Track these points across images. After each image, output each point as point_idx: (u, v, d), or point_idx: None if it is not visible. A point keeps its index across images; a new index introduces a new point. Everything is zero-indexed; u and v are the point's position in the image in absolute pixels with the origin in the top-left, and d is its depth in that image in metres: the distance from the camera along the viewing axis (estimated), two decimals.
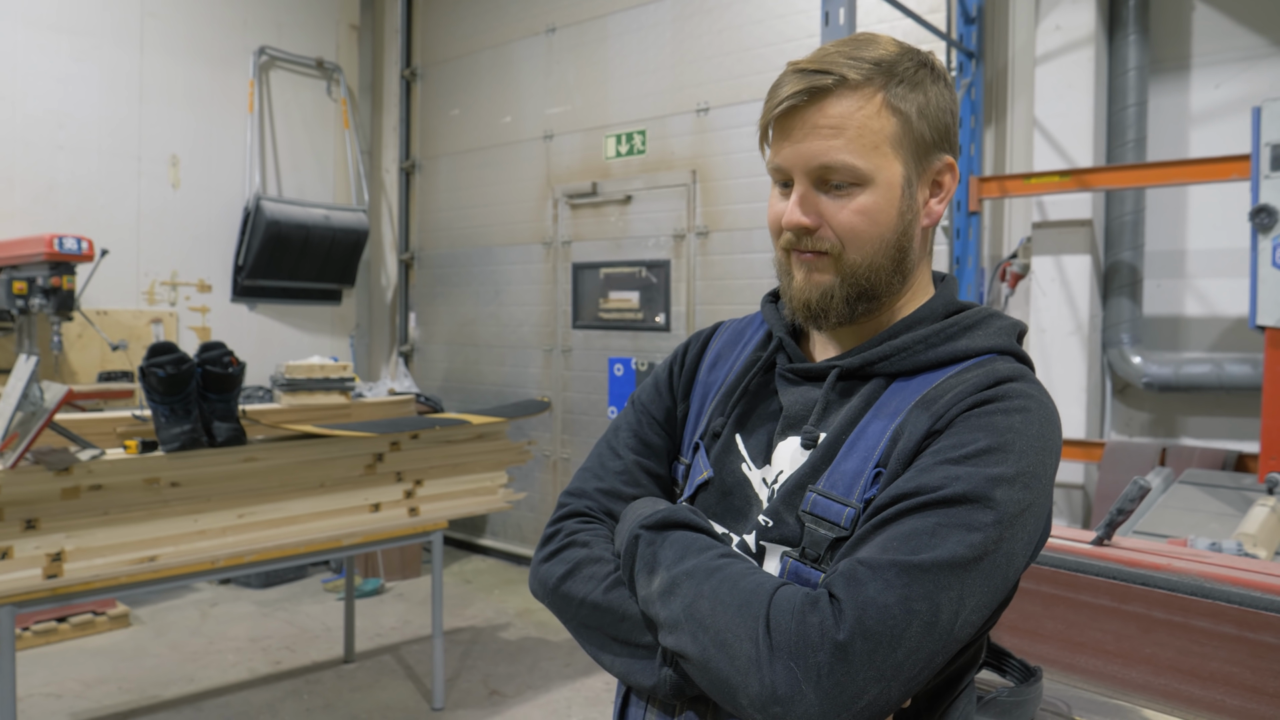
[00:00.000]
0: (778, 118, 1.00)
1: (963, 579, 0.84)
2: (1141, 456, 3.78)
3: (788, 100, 0.98)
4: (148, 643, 4.55)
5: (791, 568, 0.97)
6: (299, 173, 6.61)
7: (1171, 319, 4.16)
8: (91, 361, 5.40)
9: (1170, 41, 4.10)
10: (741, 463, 1.07)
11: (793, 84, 0.98)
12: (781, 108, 0.98)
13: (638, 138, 5.47)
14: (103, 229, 5.43)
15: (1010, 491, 0.87)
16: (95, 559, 2.87)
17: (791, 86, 0.98)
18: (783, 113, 0.99)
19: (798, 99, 0.97)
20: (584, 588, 1.04)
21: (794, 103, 0.98)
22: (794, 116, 0.99)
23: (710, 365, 1.19)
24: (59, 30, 5.34)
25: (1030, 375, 0.98)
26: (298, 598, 5.28)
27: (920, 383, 0.99)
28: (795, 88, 0.97)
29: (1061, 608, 1.46)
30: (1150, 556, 1.41)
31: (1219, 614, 1.29)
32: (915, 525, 0.85)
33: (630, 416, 1.21)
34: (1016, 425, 0.90)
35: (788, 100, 0.98)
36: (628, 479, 1.15)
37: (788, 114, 0.99)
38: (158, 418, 3.04)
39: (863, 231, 0.99)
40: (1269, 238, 2.88)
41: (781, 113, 0.99)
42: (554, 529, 1.13)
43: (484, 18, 6.39)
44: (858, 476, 0.95)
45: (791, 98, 0.97)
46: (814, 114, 0.98)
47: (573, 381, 5.83)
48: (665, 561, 0.96)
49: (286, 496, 3.31)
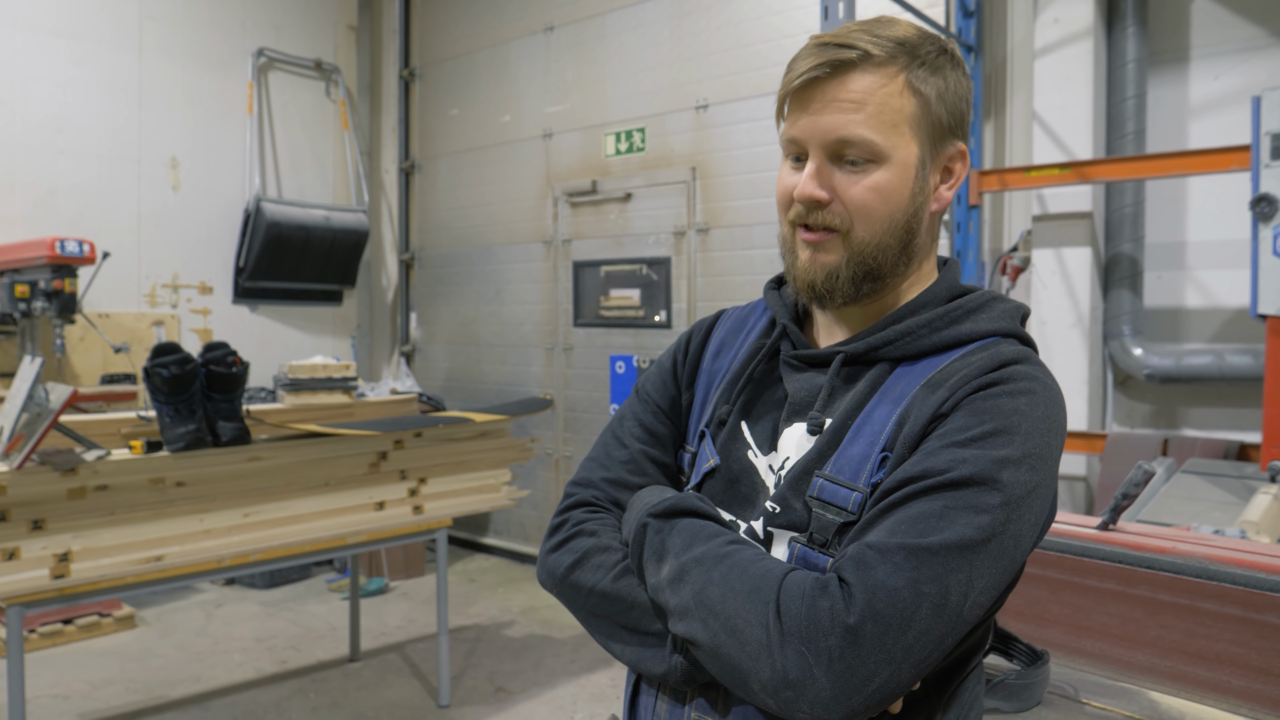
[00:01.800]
0: (796, 90, 0.99)
1: (971, 561, 0.85)
2: (1144, 447, 3.79)
3: (810, 72, 0.97)
4: (154, 643, 4.56)
5: (799, 553, 0.97)
6: (299, 174, 6.62)
7: (1172, 310, 4.16)
8: (94, 364, 5.41)
9: (1169, 33, 4.10)
10: (748, 450, 1.07)
11: (815, 56, 0.97)
12: (802, 79, 0.97)
13: (637, 135, 5.47)
14: (103, 232, 5.44)
15: (1017, 473, 0.87)
16: (102, 559, 2.88)
17: (814, 59, 0.97)
18: (802, 85, 0.98)
19: (820, 70, 0.96)
20: (593, 576, 1.04)
21: (816, 74, 0.97)
22: (814, 89, 0.98)
23: (714, 353, 1.19)
24: (58, 35, 5.35)
25: (1034, 358, 0.99)
26: (302, 598, 5.29)
27: (925, 366, 0.99)
28: (818, 60, 0.96)
29: (1068, 592, 1.47)
30: (1155, 540, 1.42)
31: (1224, 596, 1.30)
32: (923, 508, 0.86)
33: (635, 406, 1.21)
34: (1022, 407, 0.91)
35: (810, 72, 0.97)
36: (634, 468, 1.15)
37: (807, 86, 0.98)
38: (162, 418, 3.05)
39: (874, 209, 0.99)
40: (1269, 226, 2.89)
41: (801, 84, 0.98)
42: (561, 519, 1.13)
43: (482, 17, 6.39)
44: (864, 461, 0.95)
45: (815, 69, 0.96)
46: (835, 87, 0.97)
47: (574, 379, 5.83)
48: (674, 549, 0.97)
49: (291, 495, 3.32)
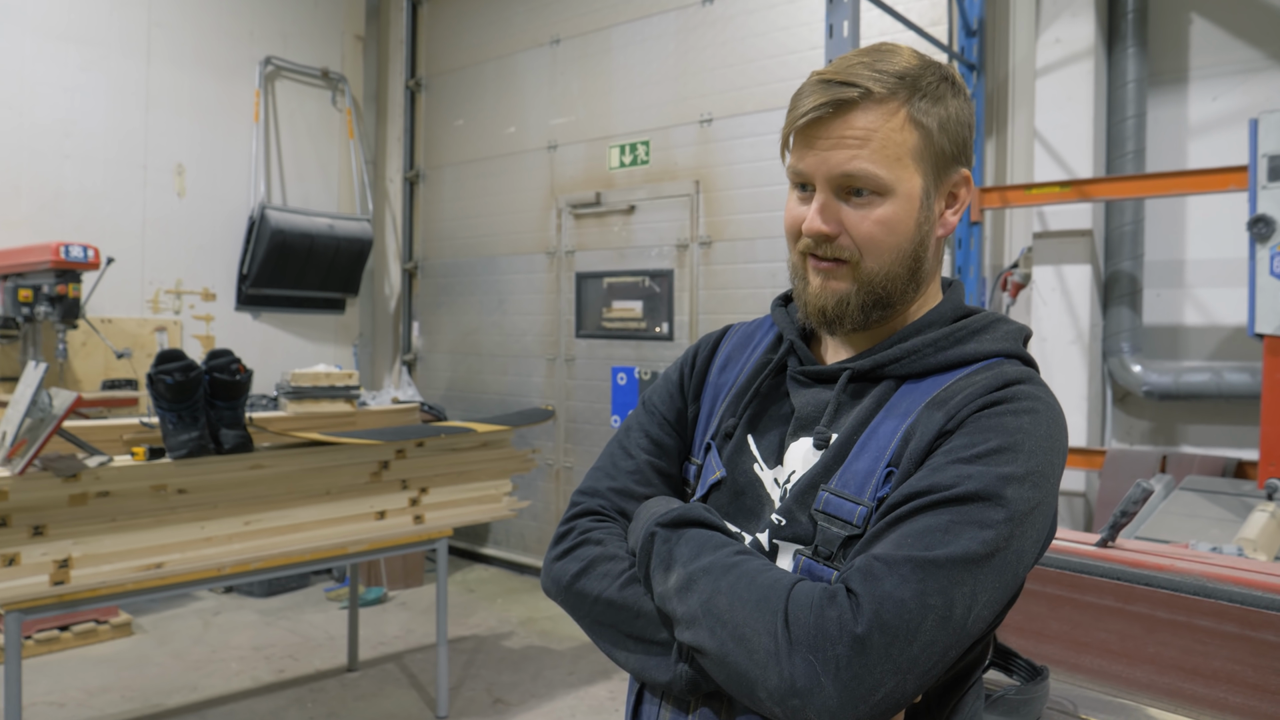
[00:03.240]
0: (801, 127, 1.03)
1: (975, 575, 0.86)
2: (1142, 464, 3.81)
3: (813, 111, 1.00)
4: (151, 651, 4.55)
5: (805, 565, 0.99)
6: (304, 182, 6.65)
7: (1171, 328, 4.18)
8: (96, 369, 5.42)
9: (1168, 54, 4.14)
10: (754, 463, 1.09)
11: (817, 95, 1.00)
12: (806, 118, 1.01)
13: (641, 148, 5.50)
14: (108, 237, 5.45)
15: (1021, 490, 0.90)
16: (102, 565, 2.88)
17: (816, 98, 1.00)
18: (807, 123, 1.01)
19: (823, 110, 1.00)
20: (598, 585, 1.05)
21: (819, 114, 1.00)
22: (818, 126, 1.01)
23: (721, 367, 1.21)
24: (67, 40, 5.39)
25: (1037, 378, 1.01)
26: (300, 607, 5.29)
27: (930, 384, 1.02)
28: (820, 99, 1.00)
29: (1067, 608, 1.49)
30: (1154, 558, 1.43)
31: (1222, 613, 1.31)
32: (929, 522, 0.88)
33: (642, 417, 1.22)
34: (1026, 426, 0.93)
35: (813, 111, 1.00)
36: (640, 478, 1.16)
37: (812, 124, 1.01)
38: (165, 424, 3.06)
39: (881, 241, 1.02)
40: (1267, 247, 2.91)
41: (806, 123, 1.02)
42: (567, 527, 1.14)
43: (489, 29, 6.44)
44: (870, 475, 0.97)
45: (817, 109, 1.00)
46: (838, 125, 1.00)
47: (576, 390, 5.84)
48: (681, 558, 0.98)
49: (293, 504, 3.33)
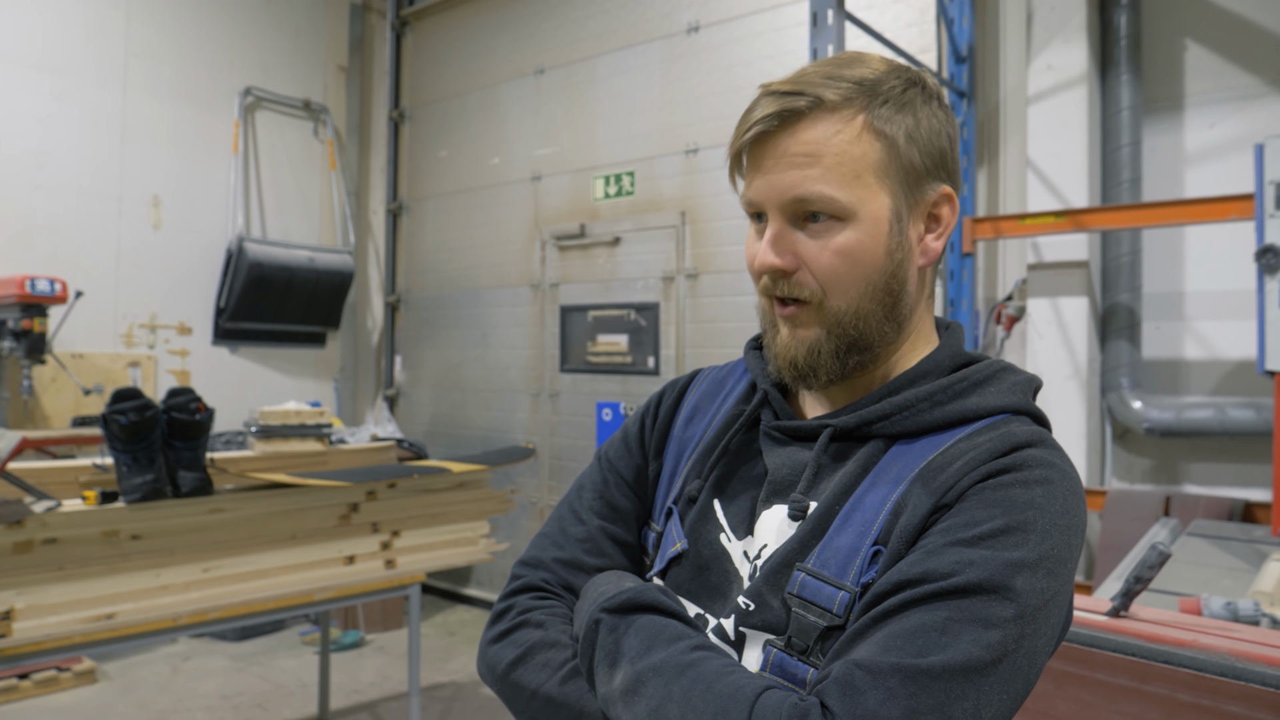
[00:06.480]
0: (749, 145, 0.89)
1: (979, 686, 0.71)
2: (1145, 505, 3.66)
3: (757, 125, 0.87)
4: (114, 700, 4.35)
5: (775, 659, 0.84)
6: (284, 214, 6.53)
7: (1171, 362, 4.06)
8: (65, 406, 5.25)
9: (1163, 81, 4.05)
10: (720, 533, 0.95)
11: (763, 107, 0.87)
12: (751, 134, 0.88)
13: (626, 179, 5.40)
14: (81, 270, 5.32)
15: (1032, 579, 0.75)
16: (48, 617, 2.71)
17: (762, 110, 0.87)
18: (753, 139, 0.88)
19: (768, 124, 0.87)
20: (537, 677, 0.91)
21: (764, 128, 0.87)
22: (766, 144, 0.88)
23: (687, 419, 1.07)
24: (40, 69, 5.28)
25: (1050, 440, 0.87)
26: (274, 651, 5.09)
27: (925, 446, 0.87)
28: (765, 111, 0.87)
29: (1075, 686, 1.33)
30: (1173, 631, 1.28)
31: (1253, 698, 1.16)
32: (922, 620, 0.73)
33: (596, 475, 1.08)
34: (1038, 500, 0.78)
35: (757, 125, 0.87)
36: (591, 548, 1.02)
37: (759, 141, 0.88)
38: (119, 467, 2.90)
39: (844, 274, 0.87)
40: (1276, 278, 2.79)
41: (752, 139, 0.88)
42: (505, 605, 1.00)
43: (473, 59, 6.36)
44: (853, 555, 0.83)
45: (761, 122, 0.87)
46: (786, 140, 0.87)
47: (560, 426, 5.69)
48: (629, 653, 0.83)
49: (255, 549, 3.16)
